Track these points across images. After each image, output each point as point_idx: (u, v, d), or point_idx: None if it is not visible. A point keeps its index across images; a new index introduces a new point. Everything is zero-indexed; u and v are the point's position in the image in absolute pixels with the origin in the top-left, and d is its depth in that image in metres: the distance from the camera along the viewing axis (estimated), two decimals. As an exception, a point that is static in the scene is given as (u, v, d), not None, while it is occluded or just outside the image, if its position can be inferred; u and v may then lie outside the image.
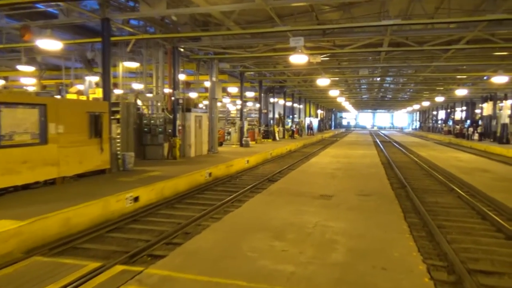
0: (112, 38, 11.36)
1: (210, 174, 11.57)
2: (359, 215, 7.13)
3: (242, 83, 21.23)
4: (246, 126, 25.20)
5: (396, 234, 5.92)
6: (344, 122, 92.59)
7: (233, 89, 25.94)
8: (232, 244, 5.45)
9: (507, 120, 27.31)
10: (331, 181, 11.02)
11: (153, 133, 13.62)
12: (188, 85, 22.42)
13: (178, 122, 14.02)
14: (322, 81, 20.55)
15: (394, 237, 5.81)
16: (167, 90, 14.86)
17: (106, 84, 10.33)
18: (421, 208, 8.09)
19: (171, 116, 13.85)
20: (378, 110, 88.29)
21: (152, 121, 13.67)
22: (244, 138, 20.65)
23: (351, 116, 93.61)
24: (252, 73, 22.85)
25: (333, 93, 29.47)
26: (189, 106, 15.19)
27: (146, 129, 13.68)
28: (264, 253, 5.10)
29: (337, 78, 24.93)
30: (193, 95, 26.71)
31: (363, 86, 31.63)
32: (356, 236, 5.87)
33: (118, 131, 11.39)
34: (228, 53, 15.55)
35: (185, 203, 8.74)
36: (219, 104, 39.18)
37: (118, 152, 10.91)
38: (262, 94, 27.64)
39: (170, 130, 13.82)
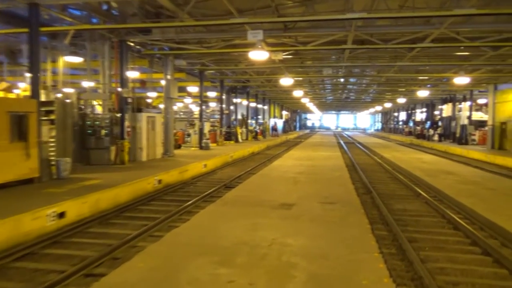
0: (43, 29, 9.95)
1: (160, 181, 10.39)
2: (322, 229, 6.27)
3: (201, 82, 20.07)
4: (208, 128, 24.07)
5: (364, 254, 5.08)
6: (309, 123, 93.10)
7: (193, 89, 24.71)
8: (168, 275, 4.39)
9: (466, 122, 27.80)
10: (293, 187, 10.17)
11: (97, 136, 12.22)
12: (144, 83, 20.98)
13: (126, 123, 12.71)
14: (285, 81, 19.79)
15: (362, 258, 4.96)
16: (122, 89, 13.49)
17: (35, 80, 8.93)
18: (389, 218, 7.36)
19: (118, 115, 12.50)
20: (341, 112, 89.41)
21: (96, 122, 12.27)
22: (203, 140, 19.50)
23: (315, 117, 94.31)
24: (212, 71, 21.75)
25: (297, 93, 28.89)
26: (140, 106, 13.89)
27: (89, 131, 12.26)
28: (205, 287, 4.09)
29: (300, 78, 24.30)
30: (152, 94, 25.31)
31: (327, 87, 31.31)
32: (318, 257, 4.98)
33: (53, 133, 9.96)
34: (184, 48, 14.40)
35: (124, 218, 7.55)
36: (180, 104, 37.59)
37: (52, 158, 9.50)
38: (224, 94, 26.59)
39: (117, 132, 12.49)
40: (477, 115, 29.58)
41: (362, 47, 13.41)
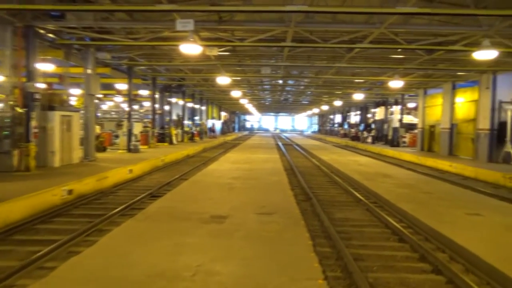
0: None
1: (70, 192, 8.81)
2: (258, 248, 5.33)
3: (130, 78, 18.35)
4: (139, 128, 22.27)
5: (307, 282, 4.22)
6: (248, 125, 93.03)
7: (123, 86, 22.73)
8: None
9: (397, 124, 28.84)
10: (228, 195, 9.17)
11: (-5, 137, 10.27)
12: (64, 79, 18.71)
13: (33, 123, 10.84)
14: (222, 80, 18.78)
15: (305, 287, 4.10)
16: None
17: None
18: (332, 230, 6.65)
19: (21, 111, 10.58)
20: (280, 114, 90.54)
21: (-6, 121, 10.30)
22: (132, 143, 17.80)
23: (254, 119, 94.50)
24: (143, 68, 20.07)
25: (236, 94, 28.01)
26: (53, 103, 12.02)
27: (-15, 132, 10.27)
28: None
29: (239, 78, 23.44)
30: (75, 91, 22.87)
31: (266, 87, 30.84)
32: (252, 290, 4.02)
33: None
34: (107, 39, 12.76)
35: (10, 242, 5.99)
36: (111, 103, 34.98)
37: None
38: (158, 93, 24.91)
39: (22, 133, 10.59)
40: (408, 118, 30.91)
41: (301, 46, 12.83)
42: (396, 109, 29.25)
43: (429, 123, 24.01)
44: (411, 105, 33.00)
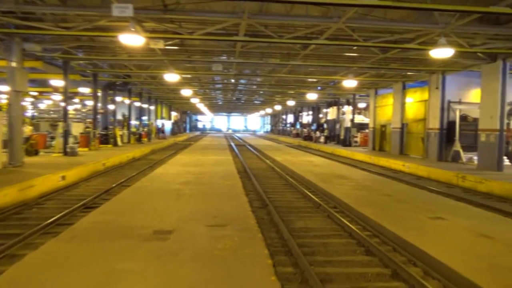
0: None
1: (-19, 206, 7.34)
2: (208, 273, 4.42)
3: (66, 74, 16.52)
4: (79, 129, 20.36)
5: (269, 321, 3.38)
6: (200, 125, 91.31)
7: (60, 83, 20.65)
8: None
9: (349, 124, 29.06)
10: (176, 203, 8.14)
11: None
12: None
13: None
14: (170, 77, 17.56)
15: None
16: None
17: None
18: (293, 244, 5.88)
19: None
20: (232, 114, 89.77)
21: None
22: (69, 145, 16.05)
23: (206, 119, 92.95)
24: (81, 63, 18.28)
25: (186, 93, 26.71)
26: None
27: None
28: None
29: (189, 76, 22.24)
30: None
31: (218, 86, 29.82)
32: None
33: None
34: (35, 28, 11.14)
35: None
36: (49, 102, 32.21)
37: None
38: (100, 91, 23.04)
39: None
40: (359, 118, 31.33)
41: (255, 40, 12.04)
42: (348, 109, 29.49)
43: (380, 123, 24.31)
44: (361, 105, 33.57)
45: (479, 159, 14.65)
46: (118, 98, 29.77)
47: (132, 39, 9.73)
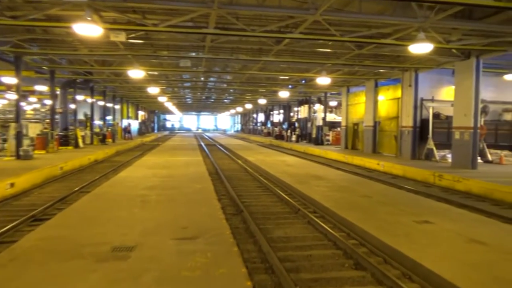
0: None
1: None
2: (176, 304, 3.66)
3: (18, 70, 15.04)
4: (36, 130, 18.82)
5: None
6: (169, 125, 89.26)
7: (12, 80, 19.01)
8: None
9: (321, 123, 28.79)
10: (140, 212, 7.27)
11: None
12: None
13: None
14: (135, 73, 16.46)
15: None
16: None
17: None
18: (273, 259, 5.20)
19: None
20: (202, 113, 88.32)
21: None
22: (22, 148, 14.66)
23: (175, 118, 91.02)
24: (36, 58, 16.83)
25: (153, 91, 25.48)
26: None
27: None
28: None
29: (155, 72, 21.12)
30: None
31: (186, 85, 28.73)
32: None
33: None
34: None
35: None
36: (4, 101, 30.07)
37: None
38: (58, 89, 21.49)
39: None
40: (330, 117, 31.16)
41: (225, 33, 11.26)
42: (320, 107, 29.24)
43: (352, 121, 24.14)
44: (332, 103, 33.46)
45: (453, 157, 14.56)
46: (80, 97, 28.13)
47: (88, 30, 8.72)
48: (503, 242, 5.87)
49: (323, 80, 17.30)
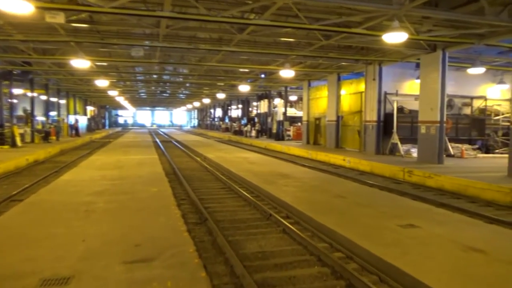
0: None
1: None
2: None
3: None
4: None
5: None
6: (121, 121, 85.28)
7: None
8: None
9: (282, 118, 28.13)
10: (83, 226, 6.02)
11: None
12: None
13: None
14: (79, 63, 14.72)
15: None
16: None
17: None
18: (252, 285, 4.21)
19: None
20: (157, 108, 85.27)
21: None
22: None
23: (128, 114, 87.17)
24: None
25: (102, 84, 23.43)
26: None
27: None
28: None
29: (104, 63, 19.29)
30: None
31: (139, 77, 26.82)
32: None
33: None
34: None
35: None
36: None
37: None
38: (-8, 80, 19.06)
39: None
40: (291, 112, 30.62)
41: (183, 17, 10.04)
42: (280, 102, 28.53)
43: (314, 115, 23.65)
44: (292, 98, 32.93)
45: (419, 151, 14.32)
46: (18, 91, 25.45)
47: (16, 6, 7.20)
48: (501, 249, 5.30)
49: (287, 73, 16.51)
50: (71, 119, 33.90)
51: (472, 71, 14.70)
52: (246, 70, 21.39)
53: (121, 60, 17.55)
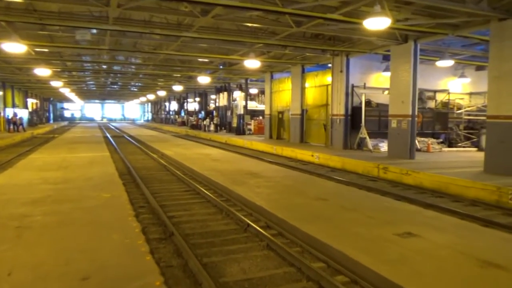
0: None
1: None
2: None
3: None
4: None
5: None
6: (68, 114, 79.89)
7: None
8: None
9: (242, 111, 27.05)
10: (11, 250, 4.69)
11: None
12: None
13: None
14: (13, 48, 12.70)
15: None
16: None
17: None
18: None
19: None
20: (107, 101, 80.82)
21: None
22: None
23: (75, 107, 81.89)
24: None
25: (42, 73, 20.93)
26: None
27: None
28: None
29: (45, 50, 17.11)
30: None
31: (86, 66, 24.45)
32: None
33: None
34: None
35: None
36: None
37: None
38: None
39: None
40: (252, 105, 29.62)
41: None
42: (241, 94, 27.39)
43: (277, 109, 22.79)
44: (253, 91, 31.89)
45: (389, 146, 13.88)
46: None
47: None
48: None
49: (251, 63, 15.43)
50: (9, 112, 30.64)
51: (441, 63, 14.46)
52: (206, 60, 20.04)
53: (64, 46, 15.46)
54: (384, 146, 15.42)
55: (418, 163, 12.07)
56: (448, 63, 14.26)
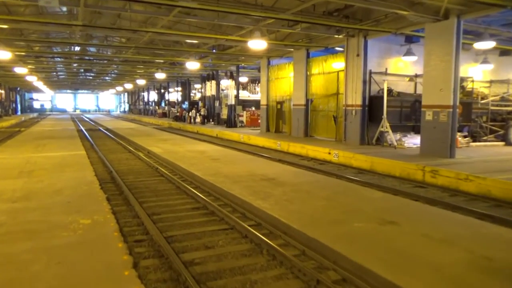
0: None
1: None
2: None
3: None
4: None
5: None
6: (37, 105, 74.91)
7: None
8: None
9: (234, 101, 24.59)
10: None
11: None
12: None
13: None
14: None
15: None
16: None
17: None
18: None
19: None
20: (80, 91, 76.27)
21: None
22: None
23: (46, 97, 76.98)
24: None
25: (1, 55, 17.68)
26: None
27: None
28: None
29: (4, 26, 14.12)
30: None
31: (55, 50, 21.38)
32: None
33: None
34: None
35: None
36: None
37: None
38: None
39: None
40: (243, 95, 27.22)
41: None
42: (231, 83, 24.90)
43: (275, 99, 20.45)
44: (242, 79, 29.38)
45: (422, 142, 11.84)
46: None
47: None
48: None
49: (258, 44, 13.02)
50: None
51: (479, 45, 12.49)
52: (195, 41, 17.46)
53: (25, 20, 12.53)
54: (408, 141, 13.44)
55: (464, 163, 10.09)
56: (489, 44, 12.31)
